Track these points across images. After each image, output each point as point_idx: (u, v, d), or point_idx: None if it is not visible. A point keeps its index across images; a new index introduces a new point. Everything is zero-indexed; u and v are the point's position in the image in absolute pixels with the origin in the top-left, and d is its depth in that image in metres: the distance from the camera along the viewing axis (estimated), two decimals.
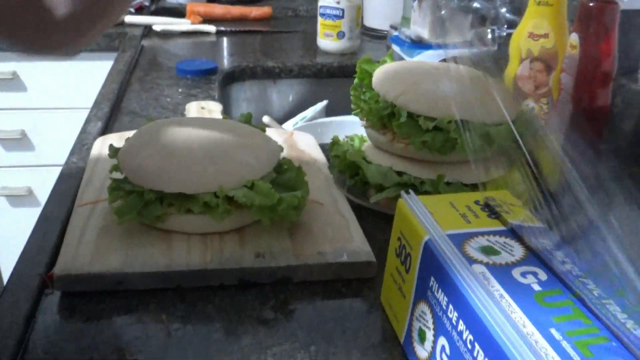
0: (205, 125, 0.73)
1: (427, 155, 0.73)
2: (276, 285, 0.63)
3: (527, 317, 0.43)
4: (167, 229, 0.66)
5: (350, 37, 1.44)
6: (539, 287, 0.46)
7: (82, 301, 0.60)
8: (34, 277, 0.62)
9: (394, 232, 0.58)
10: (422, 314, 0.52)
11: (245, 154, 0.68)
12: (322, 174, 0.81)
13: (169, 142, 0.68)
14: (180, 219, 0.66)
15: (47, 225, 0.70)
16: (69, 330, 0.57)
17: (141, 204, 0.65)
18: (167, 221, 0.66)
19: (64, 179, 0.81)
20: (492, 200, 0.58)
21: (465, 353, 0.45)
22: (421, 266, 0.53)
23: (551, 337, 0.41)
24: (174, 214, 0.66)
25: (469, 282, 0.46)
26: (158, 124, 0.73)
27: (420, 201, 0.57)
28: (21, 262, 0.64)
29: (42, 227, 0.70)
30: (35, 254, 0.65)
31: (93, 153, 0.84)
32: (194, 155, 0.67)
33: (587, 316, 0.43)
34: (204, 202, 0.65)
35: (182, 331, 0.57)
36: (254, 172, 0.67)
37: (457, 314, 0.46)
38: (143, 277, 0.61)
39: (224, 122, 0.75)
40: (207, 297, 0.62)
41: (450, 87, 0.74)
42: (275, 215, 0.65)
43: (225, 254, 0.64)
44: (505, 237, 0.52)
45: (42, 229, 0.70)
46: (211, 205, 0.64)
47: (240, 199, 0.64)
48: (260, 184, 0.65)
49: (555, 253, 0.50)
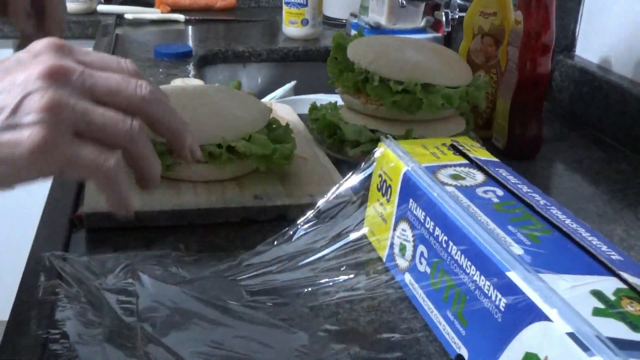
0: (204, 89, 0.83)
1: (397, 114, 0.84)
2: (272, 221, 0.74)
3: (489, 219, 0.55)
4: (175, 177, 0.76)
5: (314, 25, 1.55)
6: (497, 199, 0.58)
7: (107, 236, 0.70)
8: (62, 217, 0.71)
9: (375, 171, 0.69)
10: (402, 232, 0.64)
11: (242, 111, 0.79)
12: (302, 135, 0.92)
13: (175, 102, 0.78)
14: (187, 167, 0.76)
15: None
16: (101, 257, 0.66)
17: None
18: (175, 170, 0.76)
19: None
20: (457, 143, 0.69)
21: (441, 251, 0.56)
22: (401, 193, 0.64)
23: (508, 231, 0.53)
24: (182, 163, 0.76)
25: (442, 197, 0.58)
26: (166, 89, 0.83)
27: (397, 143, 0.68)
28: (48, 204, 0.73)
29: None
30: (60, 197, 0.75)
31: None
32: (198, 112, 0.77)
33: (535, 217, 0.56)
34: (209, 152, 0.75)
35: (199, 256, 0.67)
36: (250, 126, 0.77)
37: (434, 224, 0.58)
38: (160, 215, 0.71)
39: (219, 87, 0.85)
40: (215, 231, 0.72)
41: (415, 55, 0.86)
42: (270, 163, 0.75)
43: (227, 197, 0.74)
44: (468, 168, 0.64)
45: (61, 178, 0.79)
46: (215, 154, 0.75)
47: (241, 149, 0.74)
48: (257, 136, 0.76)
49: (508, 178, 0.62)
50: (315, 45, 1.52)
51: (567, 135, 1.05)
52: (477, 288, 0.51)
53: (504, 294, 0.48)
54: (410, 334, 0.57)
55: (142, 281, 0.62)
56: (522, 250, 0.50)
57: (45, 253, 0.65)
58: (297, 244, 0.69)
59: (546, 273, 0.47)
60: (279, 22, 1.62)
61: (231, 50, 1.46)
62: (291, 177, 0.80)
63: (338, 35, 0.93)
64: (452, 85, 0.84)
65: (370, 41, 0.90)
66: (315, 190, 0.77)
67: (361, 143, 0.85)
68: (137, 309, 0.58)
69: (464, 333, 0.52)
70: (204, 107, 0.78)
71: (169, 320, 0.57)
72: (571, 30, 1.16)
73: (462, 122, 0.90)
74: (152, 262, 0.65)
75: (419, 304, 0.59)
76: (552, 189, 0.86)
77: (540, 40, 0.89)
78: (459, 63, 0.89)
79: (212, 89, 0.84)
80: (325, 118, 0.89)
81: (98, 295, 0.60)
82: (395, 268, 0.65)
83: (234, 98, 0.82)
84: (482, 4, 0.96)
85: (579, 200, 0.83)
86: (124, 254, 0.67)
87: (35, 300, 0.58)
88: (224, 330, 0.56)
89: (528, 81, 0.91)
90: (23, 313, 0.56)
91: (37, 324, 0.55)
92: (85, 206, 0.70)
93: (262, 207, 0.74)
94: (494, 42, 0.97)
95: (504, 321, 0.47)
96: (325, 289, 0.63)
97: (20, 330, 0.54)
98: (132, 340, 0.55)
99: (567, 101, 1.13)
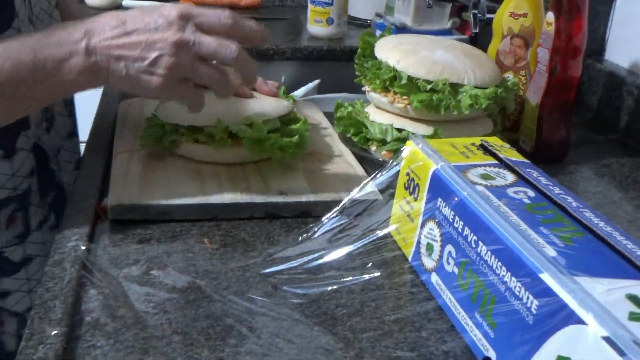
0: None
1: (424, 113, 0.83)
2: (297, 217, 0.73)
3: (521, 220, 0.54)
4: (180, 154, 0.80)
5: (339, 24, 1.54)
6: (528, 200, 0.57)
7: (131, 228, 0.69)
8: (87, 208, 0.71)
9: (402, 169, 0.69)
10: (429, 231, 0.63)
11: (254, 102, 0.80)
12: (328, 132, 0.92)
13: None
14: (190, 146, 0.79)
15: (90, 168, 0.80)
16: (125, 248, 0.66)
17: (161, 132, 0.79)
18: (180, 147, 0.80)
19: (96, 132, 0.90)
20: (487, 143, 0.69)
21: (470, 252, 0.55)
22: (429, 191, 0.63)
23: (541, 232, 0.52)
24: (185, 142, 0.79)
25: (473, 196, 0.57)
26: None
27: (426, 141, 0.67)
28: (74, 196, 0.73)
29: (86, 170, 0.79)
30: (85, 189, 0.74)
31: (121, 112, 0.93)
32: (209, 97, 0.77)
33: (568, 220, 0.54)
34: (208, 133, 0.77)
35: (223, 250, 0.67)
36: (256, 115, 0.78)
37: (463, 223, 0.57)
38: (185, 209, 0.71)
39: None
40: (239, 226, 0.71)
41: (444, 54, 0.85)
42: (262, 149, 0.76)
43: (252, 192, 0.74)
44: (498, 168, 0.63)
45: (86, 171, 0.79)
46: (212, 135, 0.76)
47: (233, 129, 0.76)
48: (256, 122, 0.77)
49: (539, 179, 0.61)
50: (339, 45, 1.51)
51: (596, 139, 1.04)
52: (507, 289, 0.50)
53: (536, 296, 0.47)
54: (436, 335, 0.56)
55: (165, 274, 0.62)
56: (555, 252, 0.49)
57: (70, 243, 0.65)
58: (322, 240, 0.68)
59: (581, 276, 0.46)
60: (303, 20, 1.62)
61: (255, 48, 1.45)
62: (317, 173, 0.79)
63: (366, 34, 0.92)
64: (480, 85, 0.83)
65: (399, 40, 0.89)
66: (340, 187, 0.76)
67: (388, 142, 0.84)
68: (160, 302, 0.58)
69: (493, 335, 0.51)
70: None
71: (192, 314, 0.57)
72: (601, 34, 1.14)
73: (489, 124, 0.89)
74: (176, 256, 0.65)
75: (446, 305, 0.58)
76: (579, 193, 0.85)
77: (572, 43, 0.88)
78: (488, 64, 0.88)
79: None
80: (351, 116, 0.88)
81: (121, 286, 0.60)
82: (420, 267, 0.64)
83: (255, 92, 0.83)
84: (513, 5, 0.95)
85: (607, 204, 0.82)
86: (148, 246, 0.67)
87: (60, 289, 0.58)
88: (247, 326, 0.56)
89: (557, 83, 0.89)
90: (49, 301, 0.56)
91: (62, 312, 0.55)
92: (110, 198, 0.70)
93: (286, 203, 0.73)
94: (523, 44, 0.95)
95: (535, 323, 0.46)
96: (349, 286, 0.62)
97: (46, 319, 0.54)
98: (155, 330, 0.54)
99: (596, 105, 1.11)
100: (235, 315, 0.57)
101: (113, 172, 0.75)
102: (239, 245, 0.68)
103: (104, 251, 0.65)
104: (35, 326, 0.53)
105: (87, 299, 0.58)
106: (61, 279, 0.59)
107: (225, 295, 0.60)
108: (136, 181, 0.74)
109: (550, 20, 0.88)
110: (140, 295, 0.59)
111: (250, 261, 0.65)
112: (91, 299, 0.58)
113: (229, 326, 0.56)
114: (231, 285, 0.61)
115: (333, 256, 0.66)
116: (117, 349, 0.52)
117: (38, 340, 0.52)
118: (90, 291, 0.59)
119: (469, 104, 0.81)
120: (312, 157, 0.84)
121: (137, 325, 0.55)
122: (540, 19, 0.93)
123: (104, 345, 0.53)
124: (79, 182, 0.76)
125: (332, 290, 0.61)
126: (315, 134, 0.90)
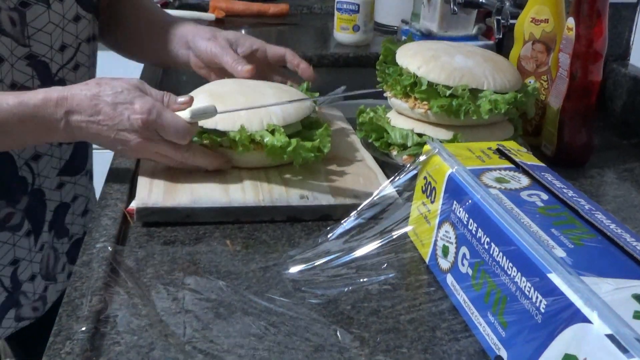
0: (254, 83, 0.86)
1: (444, 118, 0.84)
2: (318, 220, 0.75)
3: (533, 222, 0.55)
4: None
5: (365, 31, 1.56)
6: (542, 203, 0.58)
7: (158, 230, 0.72)
8: (115, 211, 0.74)
9: (420, 174, 0.70)
10: (445, 234, 0.64)
11: (277, 107, 0.81)
12: (350, 137, 0.93)
13: (221, 91, 0.83)
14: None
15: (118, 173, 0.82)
16: (151, 250, 0.68)
17: None
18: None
19: None
20: (503, 147, 0.70)
21: (482, 253, 0.57)
22: (445, 194, 0.64)
23: (551, 233, 0.53)
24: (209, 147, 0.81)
25: (486, 199, 0.58)
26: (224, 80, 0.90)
27: (443, 145, 0.69)
28: (102, 199, 0.76)
29: (115, 174, 0.82)
30: (113, 192, 0.77)
31: None
32: (235, 101, 0.80)
33: (580, 221, 0.55)
34: (231, 138, 0.79)
35: (244, 252, 0.69)
36: (278, 121, 0.80)
37: (476, 225, 0.58)
38: (208, 212, 0.73)
39: (274, 84, 0.88)
40: (261, 229, 0.73)
41: (464, 60, 0.86)
42: (284, 155, 0.78)
43: (274, 195, 0.76)
44: (514, 172, 0.64)
45: (115, 176, 0.82)
46: (235, 140, 0.78)
47: (256, 137, 0.78)
48: (278, 129, 0.78)
49: (554, 182, 0.62)
50: (366, 52, 1.53)
51: (619, 144, 1.04)
52: (517, 289, 0.51)
53: (544, 296, 0.48)
54: (450, 334, 0.58)
55: (188, 274, 0.64)
56: (564, 252, 0.50)
57: (99, 245, 0.68)
58: (340, 242, 0.70)
59: (588, 276, 0.47)
60: (330, 28, 1.64)
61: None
62: (338, 177, 0.81)
63: (388, 40, 0.93)
64: (500, 91, 0.84)
65: (420, 46, 0.91)
66: (360, 191, 0.78)
67: (408, 147, 0.86)
68: (183, 301, 0.60)
69: (504, 335, 0.52)
70: (242, 97, 0.82)
71: (213, 313, 0.59)
72: (625, 38, 1.14)
73: (510, 128, 0.90)
74: (199, 257, 0.67)
75: (460, 305, 0.60)
76: (601, 197, 0.85)
77: (592, 47, 0.88)
78: (509, 69, 0.89)
79: (265, 85, 0.87)
80: (373, 122, 0.89)
81: (145, 286, 0.62)
82: (437, 268, 0.65)
83: (278, 91, 0.85)
84: (534, 11, 0.95)
85: (628, 208, 0.82)
86: (173, 247, 0.69)
87: (87, 288, 0.60)
88: (266, 324, 0.58)
89: (578, 88, 0.90)
90: (76, 299, 0.59)
91: (89, 310, 0.57)
92: (136, 201, 0.73)
93: (307, 206, 0.75)
94: (544, 49, 0.96)
95: (544, 322, 0.47)
96: (366, 286, 0.64)
97: (74, 316, 0.57)
98: (176, 329, 0.57)
99: (620, 110, 1.11)
100: (255, 314, 0.59)
101: (140, 176, 0.78)
102: (260, 247, 0.70)
103: (130, 252, 0.68)
104: (63, 323, 0.56)
105: (113, 298, 0.60)
106: (88, 279, 0.62)
107: (245, 295, 0.61)
108: (162, 185, 0.76)
109: (570, 25, 0.89)
110: (163, 294, 0.61)
111: (271, 262, 0.67)
112: (117, 298, 0.60)
113: (248, 324, 0.57)
114: (252, 285, 0.63)
115: (351, 257, 0.67)
116: (140, 345, 0.55)
117: (65, 336, 0.54)
118: (116, 290, 0.61)
119: (488, 109, 0.82)
120: (333, 162, 0.85)
121: (160, 323, 0.57)
122: (561, 24, 0.94)
123: (128, 342, 0.55)
124: (107, 184, 0.79)
125: (350, 291, 0.63)
126: (338, 139, 0.92)
